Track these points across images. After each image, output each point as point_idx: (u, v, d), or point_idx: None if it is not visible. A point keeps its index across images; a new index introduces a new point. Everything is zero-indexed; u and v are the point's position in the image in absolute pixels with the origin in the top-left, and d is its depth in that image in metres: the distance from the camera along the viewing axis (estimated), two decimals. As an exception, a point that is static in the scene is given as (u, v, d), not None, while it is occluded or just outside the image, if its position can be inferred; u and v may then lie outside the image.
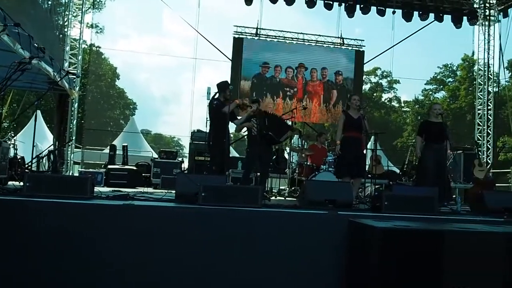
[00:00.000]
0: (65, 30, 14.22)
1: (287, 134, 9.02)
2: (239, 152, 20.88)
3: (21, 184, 5.63)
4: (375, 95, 46.29)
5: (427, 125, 8.25)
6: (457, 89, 39.96)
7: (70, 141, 14.54)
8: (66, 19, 14.20)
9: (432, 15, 16.22)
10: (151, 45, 78.27)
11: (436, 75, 44.18)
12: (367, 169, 10.27)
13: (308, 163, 10.62)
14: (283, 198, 9.58)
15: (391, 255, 4.04)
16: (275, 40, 16.77)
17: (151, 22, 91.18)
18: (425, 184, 7.78)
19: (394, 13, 16.10)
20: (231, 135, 9.40)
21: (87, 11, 16.72)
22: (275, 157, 11.48)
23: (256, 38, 16.57)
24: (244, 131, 9.43)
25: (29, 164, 9.20)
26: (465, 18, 16.51)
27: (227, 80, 10.88)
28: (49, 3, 10.34)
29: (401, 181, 12.34)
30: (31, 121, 17.70)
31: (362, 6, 15.86)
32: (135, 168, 12.68)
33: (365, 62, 17.64)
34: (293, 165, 11.21)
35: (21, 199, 4.64)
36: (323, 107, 16.66)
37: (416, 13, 16.10)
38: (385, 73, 44.98)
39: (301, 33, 17.04)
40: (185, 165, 13.45)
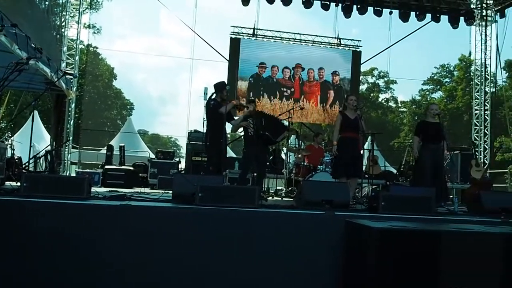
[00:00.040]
0: (62, 30, 14.22)
1: (284, 134, 9.02)
2: (236, 152, 20.87)
3: (18, 184, 5.61)
4: (372, 95, 46.36)
5: (424, 126, 8.27)
6: (454, 90, 40.03)
7: (67, 142, 14.53)
8: (63, 20, 14.20)
9: (429, 16, 16.26)
10: (148, 46, 78.37)
11: (433, 76, 44.27)
12: (364, 169, 10.27)
13: (305, 164, 10.63)
14: (280, 198, 9.56)
15: (388, 255, 4.05)
16: (272, 40, 16.82)
17: (148, 22, 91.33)
18: (422, 184, 7.79)
19: (391, 13, 16.11)
20: (228, 136, 9.39)
21: (84, 11, 16.69)
22: (272, 157, 11.49)
23: (253, 38, 16.60)
24: (240, 131, 9.43)
25: (26, 164, 9.19)
26: (462, 18, 16.58)
27: (224, 80, 10.89)
28: (46, 3, 10.32)
29: (398, 181, 12.34)
30: (28, 121, 17.69)
31: (359, 6, 15.89)
32: (132, 168, 12.66)
33: (362, 62, 17.68)
34: (290, 166, 11.22)
35: (19, 199, 4.64)
36: (320, 107, 16.69)
37: (413, 14, 16.14)
38: (382, 74, 45.15)
39: (298, 34, 17.12)
40: (182, 165, 13.44)
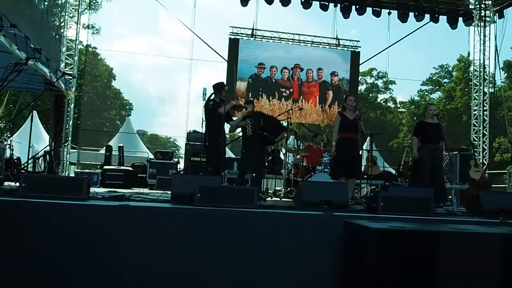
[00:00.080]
0: (62, 31, 14.22)
1: (282, 134, 9.03)
2: (235, 152, 20.86)
3: (17, 184, 5.61)
4: (370, 95, 46.40)
5: (422, 126, 8.27)
6: (453, 90, 40.08)
7: (66, 142, 14.53)
8: (62, 20, 14.20)
9: (427, 16, 16.27)
10: (147, 46, 78.28)
11: (432, 76, 44.31)
12: (363, 170, 10.28)
13: (303, 164, 10.64)
14: (278, 199, 9.57)
15: (386, 256, 4.05)
16: (271, 40, 16.83)
17: (147, 23, 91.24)
18: (420, 184, 7.79)
19: (389, 14, 16.12)
20: (227, 136, 9.40)
21: (83, 12, 16.65)
22: (271, 157, 11.50)
23: (252, 39, 16.61)
24: (238, 131, 9.43)
25: (25, 164, 9.19)
26: (460, 19, 16.60)
27: (223, 81, 10.90)
28: (46, 4, 10.32)
29: (397, 182, 12.35)
30: (27, 121, 17.67)
31: (357, 7, 15.91)
32: (131, 168, 12.65)
33: (360, 62, 17.72)
34: (289, 166, 11.22)
35: (17, 199, 4.63)
36: (319, 107, 16.71)
37: (411, 14, 16.17)
38: (380, 74, 45.16)
39: (297, 34, 17.13)
40: (181, 165, 13.44)
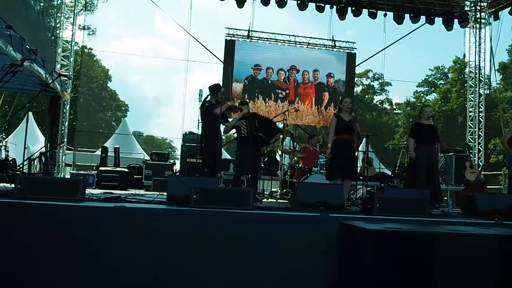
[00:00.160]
0: (57, 32, 14.20)
1: (277, 136, 9.04)
2: (231, 154, 20.83)
3: (12, 186, 5.60)
4: (366, 97, 46.46)
5: (418, 127, 8.29)
6: (448, 91, 40.17)
7: (61, 143, 14.50)
8: (58, 21, 14.18)
9: (423, 18, 16.32)
10: (143, 47, 78.02)
11: (427, 77, 44.46)
12: (358, 171, 10.28)
13: (299, 165, 10.64)
14: (274, 200, 9.57)
15: (382, 257, 4.04)
16: (267, 42, 16.86)
17: (143, 24, 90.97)
18: (416, 186, 7.81)
19: (385, 15, 16.17)
20: (223, 137, 9.39)
21: (79, 13, 16.72)
22: (267, 159, 11.50)
23: (248, 40, 16.63)
24: (233, 132, 9.43)
25: (20, 166, 9.16)
26: (456, 20, 16.65)
27: (219, 82, 10.91)
28: (41, 5, 10.30)
29: (392, 183, 12.35)
30: (23, 123, 17.61)
31: (353, 8, 15.94)
32: (126, 170, 12.63)
33: (356, 64, 17.76)
34: (285, 167, 11.23)
35: (13, 201, 4.62)
36: (315, 109, 16.74)
37: (407, 16, 16.20)
38: (376, 75, 45.25)
39: (293, 35, 17.17)
40: (176, 167, 13.42)
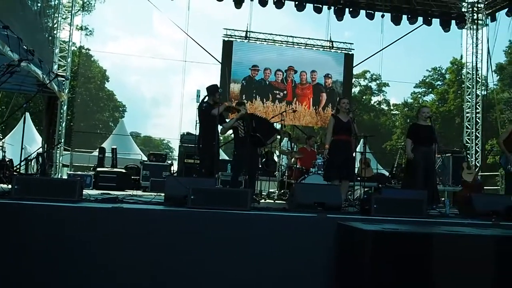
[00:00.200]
0: (55, 32, 14.16)
1: (274, 136, 9.04)
2: (229, 154, 20.82)
3: (9, 187, 5.59)
4: (364, 98, 46.52)
5: (416, 128, 8.29)
6: (446, 92, 40.26)
7: (59, 144, 14.48)
8: (55, 21, 14.13)
9: (420, 19, 16.34)
10: (141, 47, 77.98)
11: (425, 78, 44.52)
12: (356, 172, 10.30)
13: (297, 166, 10.65)
14: (272, 201, 9.58)
15: (380, 258, 4.05)
16: (265, 43, 16.84)
17: (140, 24, 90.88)
18: (413, 186, 7.81)
19: (383, 16, 16.15)
20: (221, 138, 9.38)
21: (76, 13, 16.61)
22: (264, 159, 11.50)
23: (245, 41, 16.61)
24: (230, 133, 9.42)
25: (17, 166, 9.15)
26: (453, 22, 16.66)
27: (217, 83, 10.90)
28: (39, 5, 10.26)
29: (390, 184, 12.37)
30: (20, 123, 17.60)
31: (351, 9, 15.95)
32: (124, 170, 12.62)
33: (354, 65, 17.74)
34: (283, 168, 11.25)
35: (10, 202, 4.61)
36: (313, 110, 16.73)
37: (404, 17, 16.22)
38: (374, 76, 45.33)
39: (291, 36, 17.16)
40: (174, 168, 13.41)
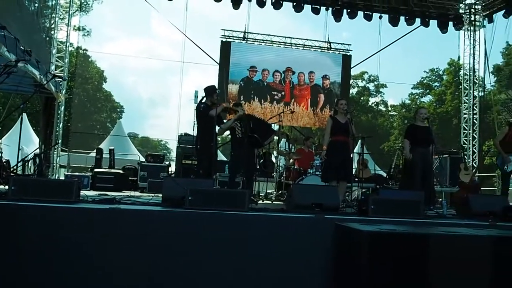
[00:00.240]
0: (52, 32, 14.13)
1: (271, 137, 9.04)
2: (226, 155, 20.82)
3: (6, 188, 5.57)
4: (362, 99, 46.57)
5: (413, 129, 8.30)
6: (443, 93, 40.31)
7: (56, 145, 14.44)
8: (52, 22, 14.11)
9: (418, 20, 16.34)
10: (139, 48, 77.99)
11: (422, 80, 44.60)
12: (354, 173, 10.30)
13: (295, 167, 10.65)
14: (270, 202, 9.57)
15: (377, 258, 4.05)
16: (263, 44, 16.84)
17: (138, 25, 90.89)
18: (411, 187, 7.82)
19: (380, 18, 16.15)
20: (218, 139, 9.38)
21: (74, 13, 16.62)
22: (262, 160, 11.49)
23: (243, 42, 16.60)
24: (227, 134, 9.42)
25: (14, 167, 9.13)
26: (451, 23, 16.66)
27: (215, 84, 10.89)
28: (36, 5, 10.26)
29: (388, 184, 12.38)
30: (17, 124, 17.57)
31: (349, 10, 15.94)
32: (121, 171, 12.59)
33: (352, 66, 17.74)
34: (280, 169, 11.24)
35: (7, 203, 4.59)
36: (311, 111, 16.72)
37: (402, 18, 16.20)
38: (372, 77, 45.42)
39: (289, 37, 17.15)
40: (172, 168, 13.40)
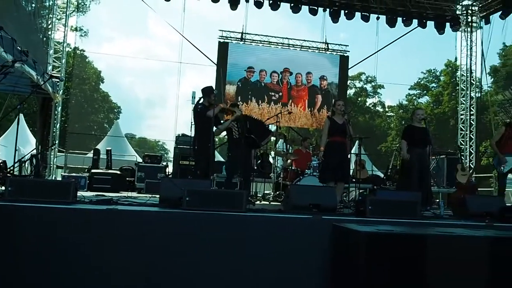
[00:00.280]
0: (49, 33, 14.11)
1: (268, 138, 9.04)
2: (224, 156, 20.82)
3: (3, 188, 5.56)
4: (359, 100, 46.60)
5: (410, 130, 8.32)
6: (440, 94, 40.39)
7: (53, 145, 14.43)
8: (50, 22, 14.09)
9: (415, 21, 16.37)
10: (136, 49, 77.97)
11: (419, 80, 44.67)
12: (351, 173, 10.31)
13: (292, 168, 10.65)
14: (267, 202, 9.56)
15: (375, 259, 4.05)
16: (260, 44, 16.85)
17: (136, 25, 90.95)
18: (408, 188, 7.82)
19: (378, 19, 16.19)
20: (216, 140, 9.37)
21: (71, 14, 16.59)
22: (260, 161, 11.49)
23: (241, 42, 16.62)
24: (224, 134, 9.41)
25: (11, 168, 9.11)
26: (448, 24, 16.72)
27: (212, 84, 10.90)
28: (33, 6, 10.23)
29: (385, 185, 12.38)
30: (14, 124, 17.51)
31: (346, 11, 15.96)
32: (119, 172, 12.58)
33: (349, 67, 17.76)
34: (278, 170, 11.23)
35: (4, 203, 4.58)
36: (308, 111, 16.73)
37: (399, 19, 16.23)
38: (369, 78, 45.45)
39: (286, 38, 17.16)
40: (169, 169, 13.39)
